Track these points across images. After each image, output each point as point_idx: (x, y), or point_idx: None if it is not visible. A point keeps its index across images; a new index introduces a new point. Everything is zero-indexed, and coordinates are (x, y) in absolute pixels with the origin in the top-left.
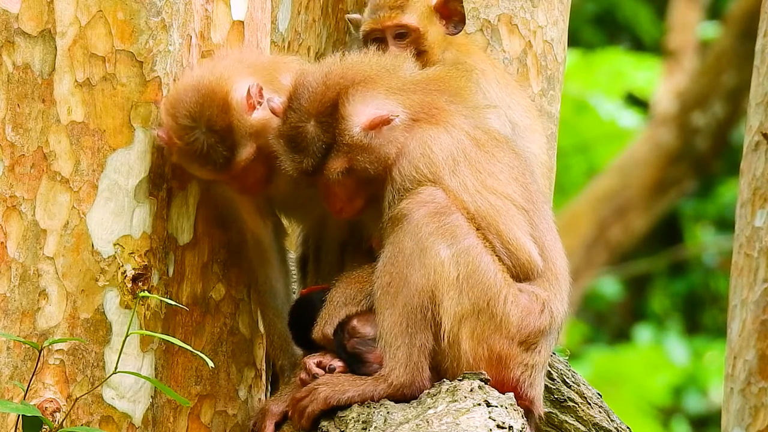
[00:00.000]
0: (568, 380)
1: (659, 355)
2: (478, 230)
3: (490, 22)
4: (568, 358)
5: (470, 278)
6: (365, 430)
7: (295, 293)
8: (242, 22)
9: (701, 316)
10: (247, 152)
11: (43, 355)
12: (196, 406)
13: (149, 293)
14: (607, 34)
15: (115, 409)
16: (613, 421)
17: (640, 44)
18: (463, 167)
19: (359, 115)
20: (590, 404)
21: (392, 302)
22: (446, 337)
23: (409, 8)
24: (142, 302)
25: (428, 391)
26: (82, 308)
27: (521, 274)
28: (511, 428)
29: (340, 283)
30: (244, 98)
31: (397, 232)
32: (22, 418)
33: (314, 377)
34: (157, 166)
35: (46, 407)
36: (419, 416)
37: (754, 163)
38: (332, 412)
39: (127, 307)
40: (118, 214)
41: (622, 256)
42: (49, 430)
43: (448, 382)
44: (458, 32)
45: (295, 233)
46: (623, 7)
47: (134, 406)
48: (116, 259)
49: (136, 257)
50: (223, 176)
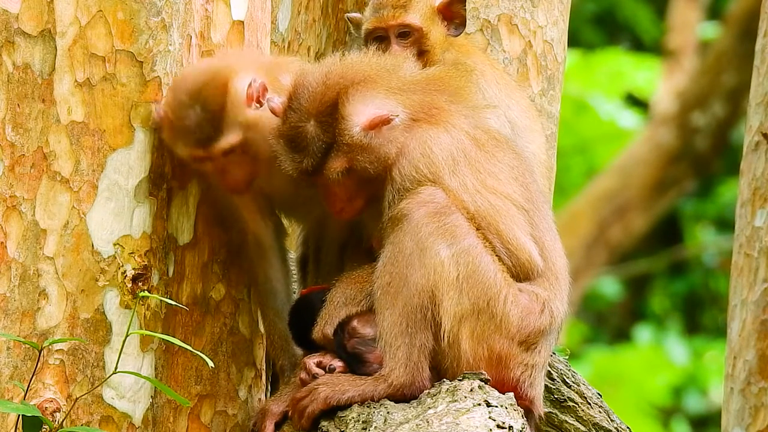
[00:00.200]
0: (568, 380)
1: (659, 355)
2: (478, 230)
3: (490, 22)
4: (568, 358)
5: (470, 278)
6: (365, 430)
7: (295, 293)
8: (242, 22)
9: (701, 316)
10: (232, 138)
11: (43, 355)
12: (196, 406)
13: (149, 293)
14: (607, 34)
15: (115, 409)
16: (613, 421)
17: (640, 44)
18: (463, 167)
19: (359, 114)
20: (590, 404)
21: (392, 302)
22: (446, 337)
23: (412, 8)
24: (142, 302)
25: (428, 391)
26: (82, 308)
27: (521, 274)
28: (511, 428)
29: (340, 283)
30: (244, 89)
31: (397, 232)
32: (22, 418)
33: (314, 377)
34: (157, 166)
35: (46, 407)
36: (419, 416)
37: (754, 163)
38: (332, 412)
39: (127, 307)
40: (118, 214)
41: (622, 256)
42: (49, 430)
43: (448, 382)
44: (459, 34)
45: (295, 233)
46: (623, 7)
47: (134, 406)
48: (116, 259)
49: (136, 257)
50: (202, 154)
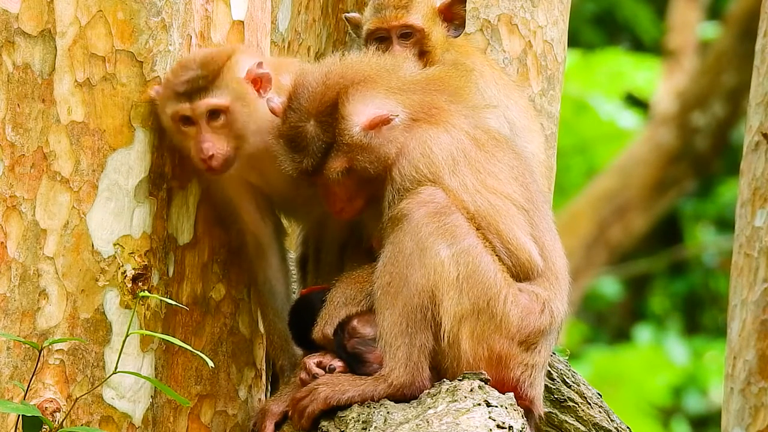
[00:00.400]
0: (568, 380)
1: (659, 355)
2: (478, 230)
3: (490, 22)
4: (568, 358)
5: (470, 278)
6: (365, 430)
7: (295, 293)
8: (242, 22)
9: (701, 316)
10: (219, 99)
11: (43, 355)
12: (196, 406)
13: (149, 293)
14: (607, 34)
15: (115, 409)
16: (613, 421)
17: (640, 44)
18: (462, 167)
19: (359, 114)
20: (590, 404)
21: (392, 302)
22: (446, 337)
23: (413, 9)
24: (142, 302)
25: (428, 391)
26: (82, 308)
27: (521, 273)
28: (511, 428)
29: (340, 283)
30: (246, 66)
31: (397, 232)
32: (22, 418)
33: (314, 377)
34: (157, 166)
35: (46, 407)
36: (419, 416)
37: (754, 163)
38: (332, 412)
39: (127, 307)
40: (118, 214)
41: (622, 256)
42: (49, 430)
43: (448, 382)
44: (458, 35)
45: (294, 233)
46: (623, 7)
47: (134, 406)
48: (116, 259)
49: (136, 257)
50: (187, 110)
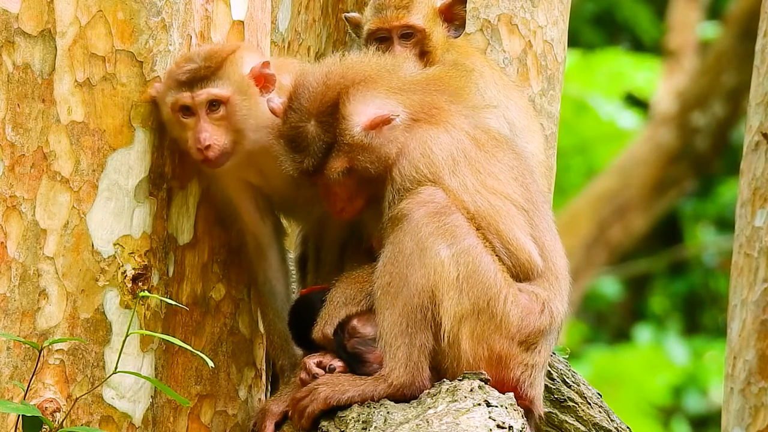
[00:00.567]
0: (568, 380)
1: (659, 355)
2: (478, 230)
3: (490, 22)
4: (568, 358)
5: (470, 278)
6: (365, 430)
7: (295, 293)
8: (242, 22)
9: (701, 316)
10: (219, 90)
11: (43, 355)
12: (196, 406)
13: (149, 293)
14: (606, 34)
15: (115, 409)
16: (613, 421)
17: (639, 44)
18: (463, 167)
19: (360, 114)
20: (590, 404)
21: (392, 302)
22: (446, 337)
23: (415, 9)
24: (142, 302)
25: (428, 391)
26: (82, 308)
27: (521, 274)
28: (511, 428)
29: (340, 283)
30: (251, 63)
31: (397, 232)
32: (22, 418)
33: (314, 377)
34: (157, 166)
35: (46, 407)
36: (419, 416)
37: (754, 163)
38: (332, 412)
39: (127, 307)
40: (118, 214)
41: (622, 256)
42: (49, 430)
43: (448, 382)
44: (459, 35)
45: (294, 233)
46: (623, 7)
47: (134, 406)
48: (116, 259)
49: (136, 257)
50: (187, 99)
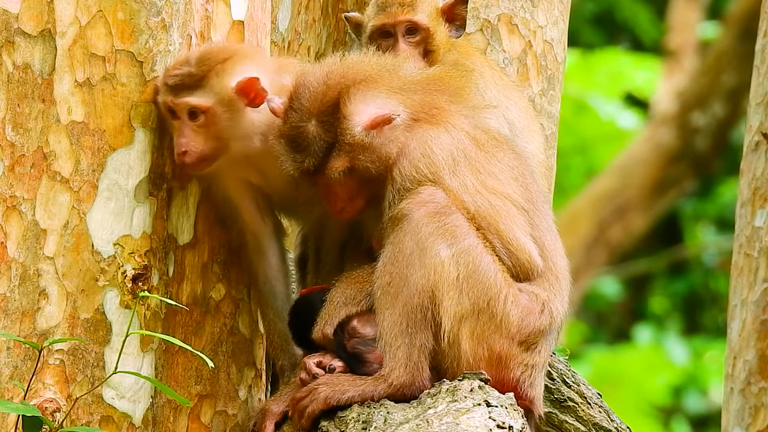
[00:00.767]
0: (568, 380)
1: (659, 355)
2: (478, 230)
3: (490, 22)
4: (568, 358)
5: (470, 278)
6: (365, 430)
7: (295, 293)
8: (242, 22)
9: (701, 316)
10: (201, 100)
11: (43, 355)
12: (196, 406)
13: (149, 293)
14: (606, 34)
15: (115, 409)
16: (613, 421)
17: (639, 44)
18: (463, 167)
19: (361, 114)
20: (590, 404)
21: (392, 302)
22: (446, 337)
23: (419, 7)
24: (142, 302)
25: (428, 391)
26: (82, 308)
27: (521, 274)
28: (511, 428)
29: (340, 283)
30: (242, 74)
31: (397, 232)
32: (22, 418)
33: (314, 377)
34: (157, 166)
35: (46, 407)
36: (419, 416)
37: (754, 163)
38: (332, 412)
39: (127, 307)
40: (118, 214)
41: (622, 256)
42: (49, 430)
43: (448, 382)
44: (459, 36)
45: (294, 233)
46: (623, 7)
47: (134, 406)
48: (116, 259)
49: (136, 257)
50: (171, 103)
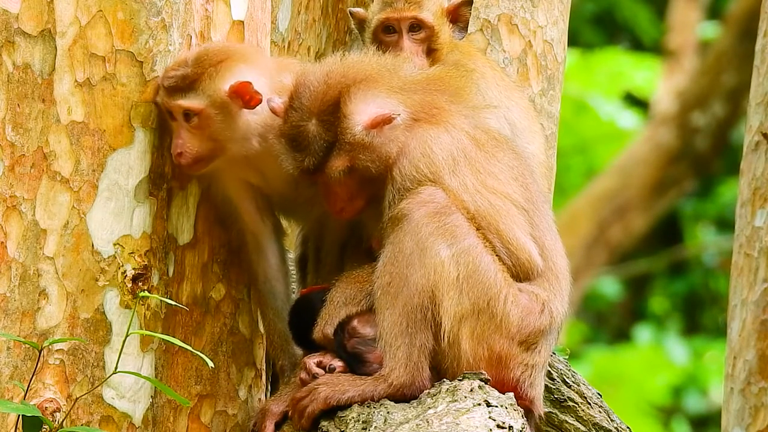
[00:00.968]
0: (568, 380)
1: (659, 355)
2: (478, 230)
3: (490, 22)
4: (568, 358)
5: (470, 278)
6: (365, 430)
7: (295, 293)
8: (242, 22)
9: (701, 316)
10: (193, 102)
11: (43, 355)
12: (196, 406)
13: (149, 293)
14: (606, 34)
15: (115, 409)
16: (613, 421)
17: (639, 44)
18: (463, 167)
19: (361, 113)
20: (590, 404)
21: (392, 302)
22: (446, 337)
23: (425, 5)
24: (142, 302)
25: (428, 391)
26: (82, 308)
27: (521, 273)
28: (511, 428)
29: (340, 283)
30: (236, 77)
31: (397, 232)
32: (22, 418)
33: (314, 377)
34: (157, 166)
35: (46, 407)
36: (419, 416)
37: (754, 163)
38: (332, 412)
39: (127, 307)
40: (118, 214)
41: (622, 256)
42: (49, 430)
43: (448, 382)
44: (462, 37)
45: (294, 233)
46: (623, 7)
47: (134, 406)
48: (116, 259)
49: (136, 257)
50: (167, 105)
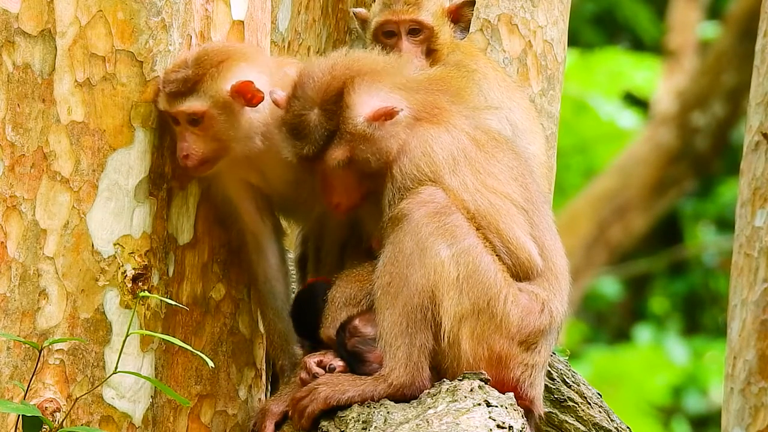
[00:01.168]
0: (568, 380)
1: (659, 355)
2: (478, 230)
3: (490, 22)
4: (568, 358)
5: (470, 278)
6: (365, 430)
7: (294, 293)
8: (242, 22)
9: (701, 316)
10: (198, 106)
11: (43, 355)
12: (196, 406)
13: (149, 293)
14: (606, 34)
15: (115, 409)
16: (613, 421)
17: (639, 44)
18: (463, 167)
19: (364, 105)
20: (590, 404)
21: (392, 302)
22: (446, 337)
23: (424, 6)
24: (142, 302)
25: (428, 391)
26: (82, 308)
27: (521, 273)
28: (511, 428)
29: (342, 281)
30: (238, 76)
31: (397, 232)
32: (22, 418)
33: (314, 377)
34: (157, 166)
35: (46, 407)
36: (419, 416)
37: (754, 163)
38: (332, 412)
39: (127, 307)
40: (118, 214)
41: (622, 256)
42: (49, 430)
43: (448, 382)
44: (463, 37)
45: (294, 233)
46: (623, 7)
47: (134, 406)
48: (116, 258)
49: (136, 257)
50: (169, 110)
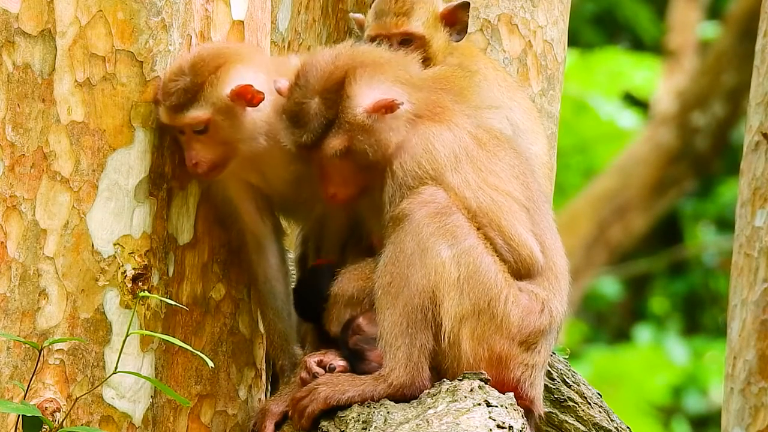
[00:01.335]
0: (568, 380)
1: (659, 355)
2: (479, 228)
3: (490, 22)
4: (568, 357)
5: (471, 279)
6: (365, 430)
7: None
8: (242, 22)
9: (701, 316)
10: (201, 114)
11: (43, 355)
12: (196, 406)
13: (149, 293)
14: (606, 34)
15: (115, 409)
16: (613, 421)
17: (639, 44)
18: (464, 164)
19: (364, 96)
20: (590, 404)
21: (393, 302)
22: (446, 337)
23: (414, 15)
24: (142, 302)
25: (428, 391)
26: (82, 308)
27: (523, 270)
28: (511, 428)
29: (345, 278)
30: (236, 80)
31: (398, 232)
32: (22, 418)
33: (314, 376)
34: (157, 166)
35: (46, 407)
36: (419, 416)
37: (754, 163)
38: (332, 411)
39: (127, 307)
40: (118, 214)
41: (622, 256)
42: (49, 430)
43: (448, 382)
44: (460, 39)
45: (294, 233)
46: (623, 7)
47: (134, 406)
48: (116, 258)
49: (136, 257)
50: (172, 123)
